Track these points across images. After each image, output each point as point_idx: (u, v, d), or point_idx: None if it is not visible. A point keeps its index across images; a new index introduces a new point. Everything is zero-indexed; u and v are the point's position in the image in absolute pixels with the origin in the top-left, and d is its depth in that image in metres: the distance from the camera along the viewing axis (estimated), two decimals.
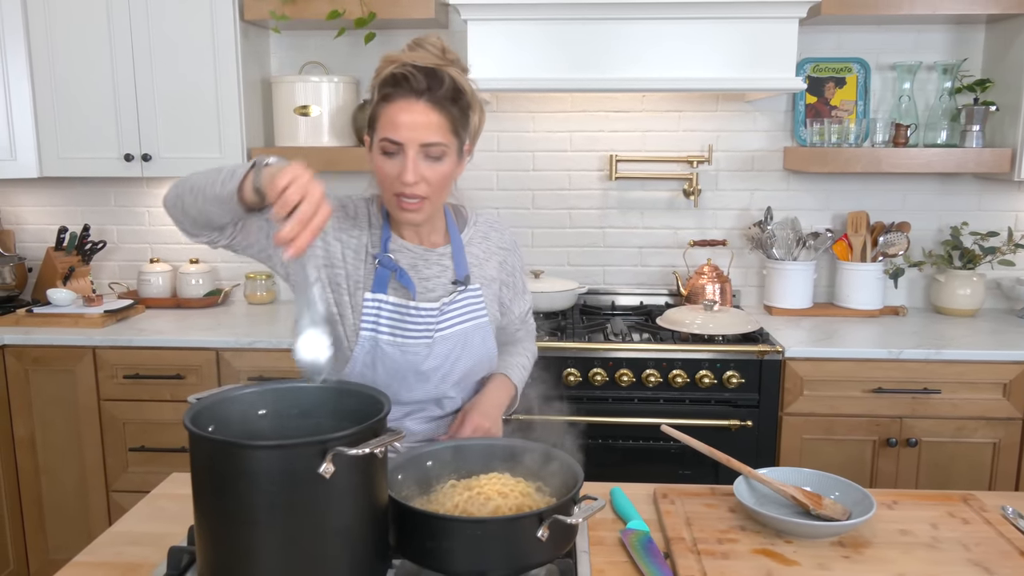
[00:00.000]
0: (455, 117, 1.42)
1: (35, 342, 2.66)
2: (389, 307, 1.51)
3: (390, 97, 1.40)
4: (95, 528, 2.75)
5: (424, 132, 1.39)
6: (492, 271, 1.64)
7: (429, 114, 1.39)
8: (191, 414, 1.11)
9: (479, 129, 1.51)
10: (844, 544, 1.31)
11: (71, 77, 2.80)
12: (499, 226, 1.69)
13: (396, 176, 1.41)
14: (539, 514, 1.13)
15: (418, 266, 1.54)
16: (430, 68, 1.40)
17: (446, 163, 1.43)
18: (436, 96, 1.39)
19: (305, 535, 1.04)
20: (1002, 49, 2.83)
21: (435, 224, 1.57)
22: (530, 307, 1.78)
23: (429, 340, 1.51)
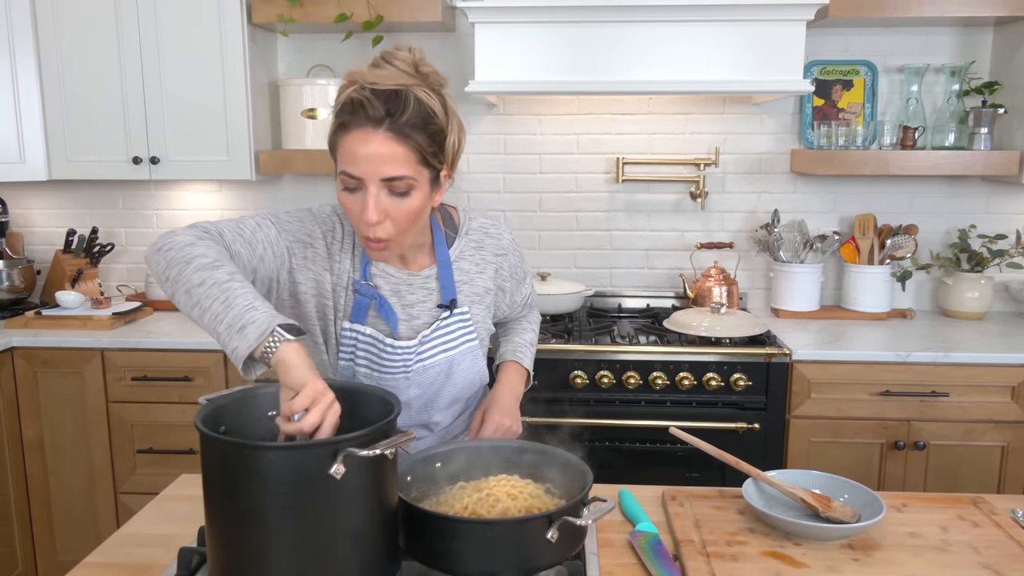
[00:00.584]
0: (422, 146, 1.26)
1: (44, 344, 2.67)
2: (366, 339, 1.43)
3: (347, 126, 1.26)
4: (103, 530, 2.76)
5: (384, 166, 1.25)
6: (485, 284, 1.55)
7: (389, 145, 1.24)
8: (202, 415, 1.12)
9: (459, 150, 1.36)
10: (854, 547, 1.31)
11: (80, 80, 2.82)
12: (494, 231, 1.57)
13: (359, 214, 1.29)
14: (549, 516, 1.14)
15: (401, 292, 1.45)
16: (391, 91, 1.25)
17: (414, 197, 1.29)
18: (397, 124, 1.24)
19: (316, 536, 1.05)
20: (1010, 51, 2.83)
21: (420, 242, 1.46)
22: (532, 290, 1.72)
23: (408, 374, 1.45)
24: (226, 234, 1.31)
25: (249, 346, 1.11)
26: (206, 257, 1.21)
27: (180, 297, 1.20)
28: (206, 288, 1.17)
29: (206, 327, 1.17)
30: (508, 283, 1.61)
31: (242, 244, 1.32)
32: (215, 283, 1.17)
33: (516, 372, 1.64)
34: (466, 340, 1.51)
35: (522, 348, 1.68)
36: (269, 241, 1.36)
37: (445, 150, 1.32)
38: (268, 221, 1.39)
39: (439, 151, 1.31)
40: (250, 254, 1.32)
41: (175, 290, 1.20)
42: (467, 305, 1.51)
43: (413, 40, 3.02)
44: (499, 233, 1.57)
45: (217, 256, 1.22)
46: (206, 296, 1.17)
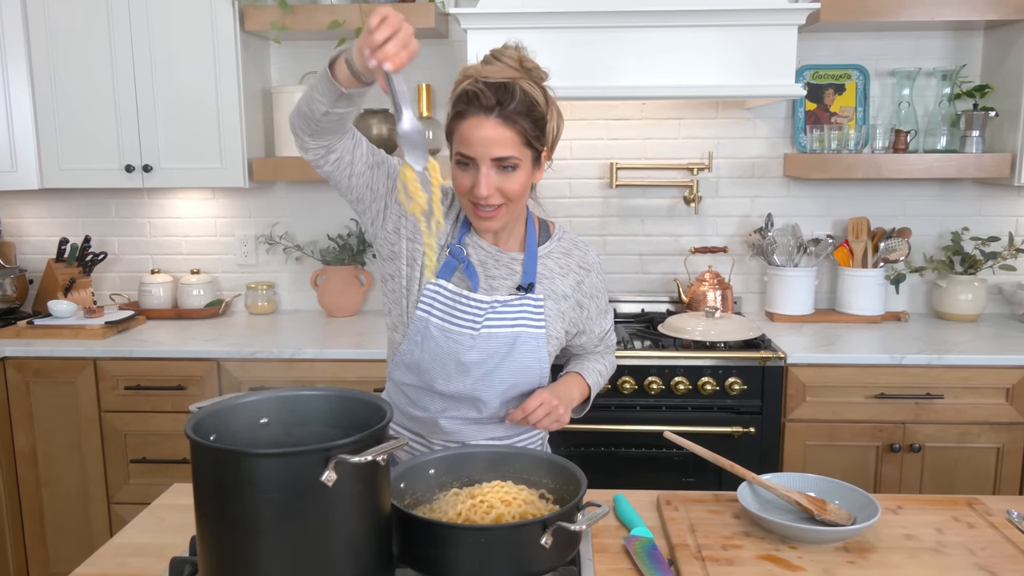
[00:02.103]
0: (526, 130, 1.43)
1: (36, 354, 2.65)
2: (446, 293, 1.54)
3: (463, 114, 1.44)
4: (96, 540, 2.74)
5: (495, 147, 1.42)
6: (565, 288, 1.62)
7: (499, 129, 1.42)
8: (192, 423, 1.11)
9: (557, 135, 1.53)
10: (849, 549, 1.30)
11: (72, 88, 2.81)
12: (583, 246, 1.68)
13: (470, 188, 1.45)
14: (543, 521, 1.13)
15: (487, 264, 1.57)
16: (500, 83, 1.42)
17: (520, 173, 1.46)
18: (506, 111, 1.41)
19: (308, 543, 1.04)
20: (1000, 55, 2.84)
21: (514, 229, 1.59)
22: (611, 327, 1.77)
23: (474, 332, 1.52)
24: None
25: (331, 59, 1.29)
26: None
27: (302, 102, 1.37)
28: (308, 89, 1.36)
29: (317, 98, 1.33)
30: (588, 301, 1.66)
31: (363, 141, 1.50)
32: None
33: (576, 381, 1.66)
34: (534, 324, 1.57)
35: (590, 371, 1.70)
36: (390, 163, 1.54)
37: (546, 134, 1.49)
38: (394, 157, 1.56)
39: (541, 135, 1.47)
40: (369, 153, 1.50)
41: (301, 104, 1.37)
42: (543, 295, 1.59)
43: None
44: (587, 249, 1.68)
45: None
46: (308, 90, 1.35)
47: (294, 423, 1.25)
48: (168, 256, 3.24)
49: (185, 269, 3.20)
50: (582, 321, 1.67)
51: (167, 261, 3.24)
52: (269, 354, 2.60)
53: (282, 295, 3.26)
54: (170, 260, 3.24)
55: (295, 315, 3.17)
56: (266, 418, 1.23)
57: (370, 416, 1.18)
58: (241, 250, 3.22)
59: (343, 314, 3.12)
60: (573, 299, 1.64)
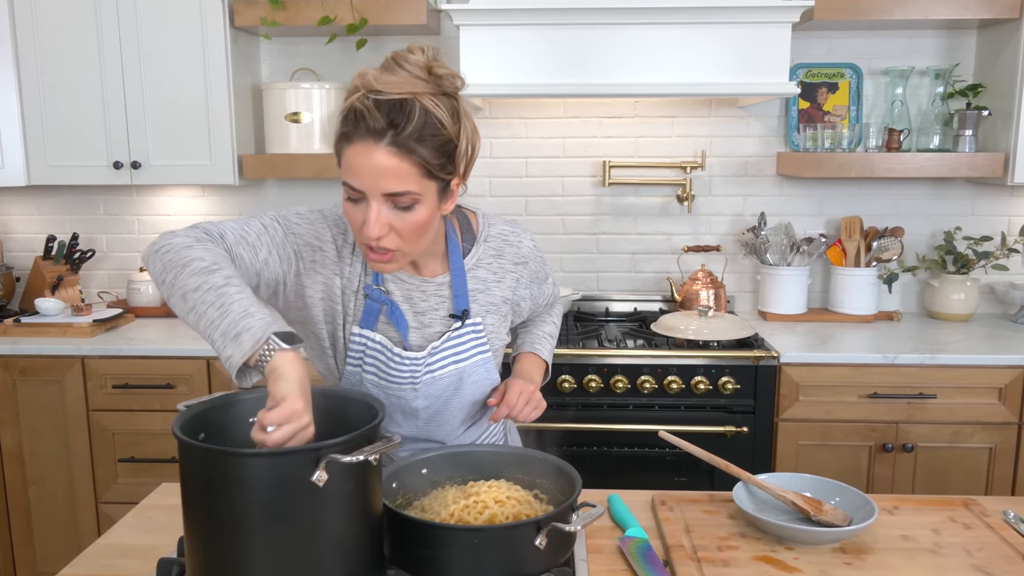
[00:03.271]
0: (427, 159, 1.21)
1: (23, 352, 2.62)
2: (374, 347, 1.39)
3: (349, 136, 1.22)
4: (84, 540, 2.71)
5: (387, 181, 1.20)
6: (503, 292, 1.50)
7: (391, 160, 1.19)
8: (180, 422, 1.09)
9: (473, 157, 1.31)
10: (846, 550, 1.29)
11: (59, 84, 2.78)
12: (514, 238, 1.51)
13: (360, 226, 1.24)
14: (537, 522, 1.12)
15: (414, 298, 1.41)
16: (395, 101, 1.19)
17: (420, 211, 1.24)
18: (401, 138, 1.19)
19: (298, 545, 1.02)
20: (993, 54, 2.83)
21: (433, 250, 1.41)
22: (554, 288, 1.65)
23: (415, 385, 1.41)
24: (228, 236, 1.28)
25: (244, 354, 1.08)
26: (203, 260, 1.18)
27: (176, 301, 1.17)
28: (201, 293, 1.14)
29: (201, 333, 1.14)
30: (527, 291, 1.56)
31: (245, 247, 1.28)
32: (211, 288, 1.14)
33: (533, 362, 1.60)
34: (478, 352, 1.46)
35: (540, 340, 1.63)
36: (275, 244, 1.32)
37: (456, 159, 1.27)
38: (276, 223, 1.35)
39: (448, 162, 1.25)
40: (253, 258, 1.29)
41: (171, 294, 1.17)
42: (481, 315, 1.46)
43: (399, 43, 3.01)
44: (519, 241, 1.52)
45: (215, 259, 1.19)
46: (201, 301, 1.13)
47: None
48: None
49: None
50: (525, 310, 1.59)
51: None
52: None
53: None
54: None
55: None
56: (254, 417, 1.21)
57: (361, 415, 1.17)
58: None
59: None
60: (512, 300, 1.53)
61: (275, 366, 1.08)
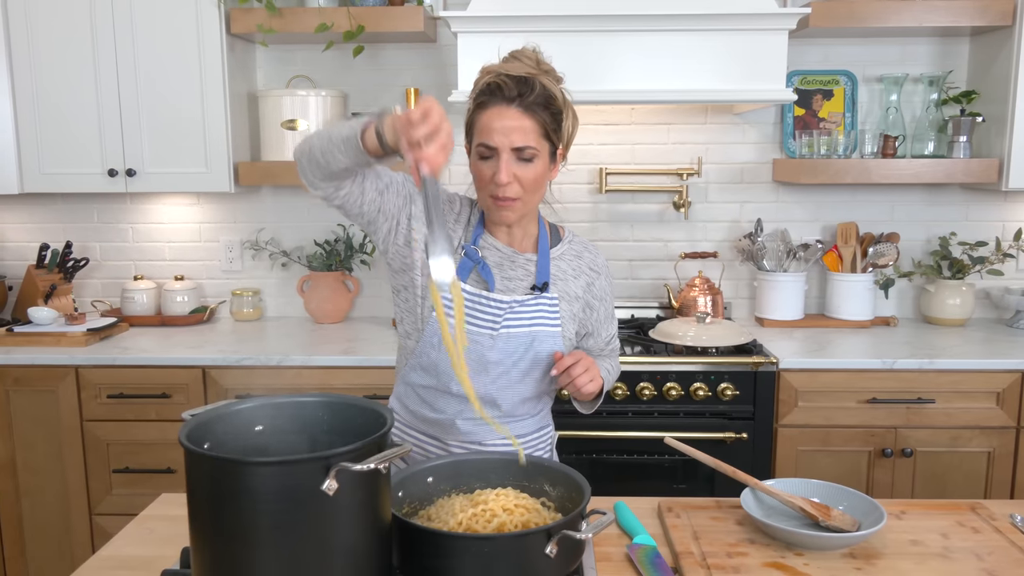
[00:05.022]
0: (545, 122, 1.48)
1: (16, 362, 2.59)
2: (464, 294, 1.54)
3: (485, 104, 1.48)
4: (77, 552, 2.68)
5: (516, 136, 1.46)
6: (577, 289, 1.65)
7: (520, 119, 1.46)
8: (187, 431, 1.07)
9: (572, 135, 1.56)
10: (856, 556, 1.28)
11: (54, 91, 2.76)
12: (593, 249, 1.71)
13: (491, 178, 1.48)
14: (547, 530, 1.11)
15: (503, 265, 1.59)
16: (522, 76, 1.47)
17: (537, 165, 1.49)
18: (527, 102, 1.46)
19: (307, 554, 1.01)
20: (987, 61, 2.85)
21: (527, 230, 1.61)
22: (615, 333, 1.78)
23: (494, 332, 1.54)
24: None
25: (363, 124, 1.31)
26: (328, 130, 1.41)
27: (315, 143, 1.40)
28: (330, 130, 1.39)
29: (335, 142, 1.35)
30: (597, 303, 1.70)
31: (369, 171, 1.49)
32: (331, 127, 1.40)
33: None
34: (551, 323, 1.59)
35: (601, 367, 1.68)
36: (395, 180, 1.54)
37: (563, 130, 1.53)
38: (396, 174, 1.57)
39: (558, 128, 1.51)
40: (376, 177, 1.51)
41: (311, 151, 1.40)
42: (557, 295, 1.61)
43: (396, 51, 3.01)
44: (597, 253, 1.72)
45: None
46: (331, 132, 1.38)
47: (289, 430, 1.22)
48: (151, 262, 3.19)
49: (169, 275, 3.15)
50: (591, 323, 1.70)
51: (150, 267, 3.18)
52: (256, 361, 2.56)
53: (268, 301, 3.21)
54: (153, 266, 3.18)
55: (281, 322, 3.12)
56: (261, 425, 1.20)
57: (368, 423, 1.16)
58: (226, 256, 3.17)
59: (330, 320, 3.08)
60: (584, 300, 1.67)
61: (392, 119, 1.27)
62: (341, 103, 2.93)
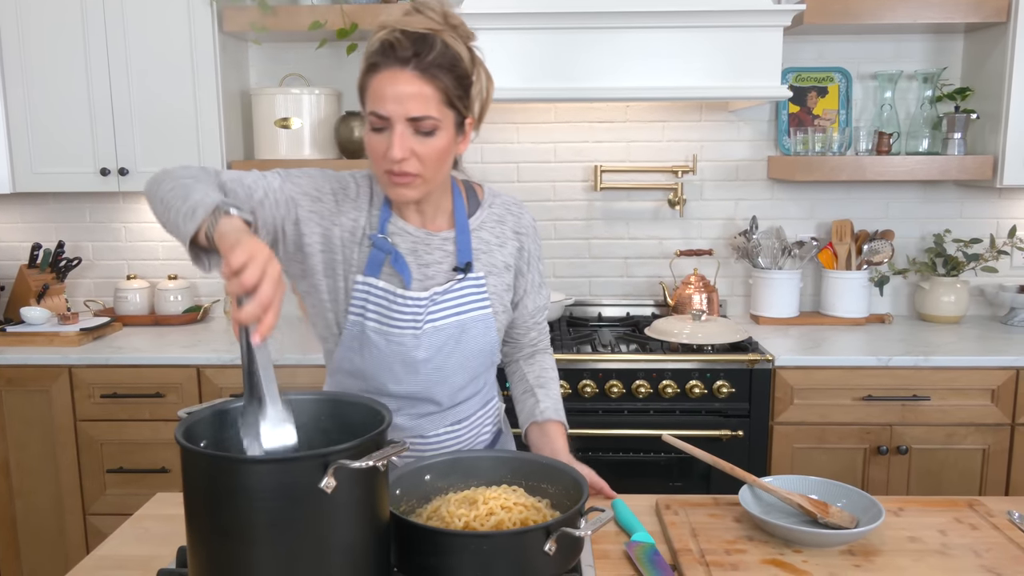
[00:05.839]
0: (448, 87, 1.29)
1: (8, 362, 2.58)
2: (378, 293, 1.41)
3: (376, 67, 1.30)
4: (71, 553, 2.66)
5: (411, 104, 1.28)
6: (505, 258, 1.52)
7: (417, 84, 1.27)
8: (182, 429, 1.06)
9: (487, 100, 1.38)
10: (854, 553, 1.28)
11: (45, 90, 2.74)
12: (516, 210, 1.55)
13: (384, 152, 1.31)
14: (546, 527, 1.10)
15: (418, 251, 1.44)
16: (420, 33, 1.28)
17: (440, 138, 1.31)
18: (424, 63, 1.27)
19: (305, 553, 1.00)
20: (981, 57, 2.86)
21: (439, 205, 1.46)
22: (545, 304, 1.64)
23: (417, 331, 1.42)
24: (224, 174, 1.34)
25: (196, 224, 1.13)
26: (188, 171, 1.28)
27: (157, 208, 1.24)
28: (176, 191, 1.21)
29: (170, 226, 1.20)
30: (527, 267, 1.56)
31: (240, 187, 1.33)
32: (184, 186, 1.21)
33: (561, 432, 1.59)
34: (478, 306, 1.47)
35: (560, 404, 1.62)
36: (271, 189, 1.37)
37: (471, 97, 1.35)
38: (275, 174, 1.41)
39: (465, 95, 1.33)
40: (248, 197, 1.33)
41: (155, 207, 1.25)
42: (483, 272, 1.49)
43: None
44: (520, 212, 1.56)
45: (199, 173, 1.27)
46: (174, 197, 1.20)
47: None
48: (144, 261, 3.17)
49: (162, 274, 3.13)
50: (521, 288, 1.57)
51: (143, 266, 3.17)
52: None
53: None
54: (146, 265, 3.17)
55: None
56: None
57: (366, 420, 1.15)
58: None
59: None
60: (514, 268, 1.54)
61: (223, 230, 1.09)
62: (335, 101, 2.92)
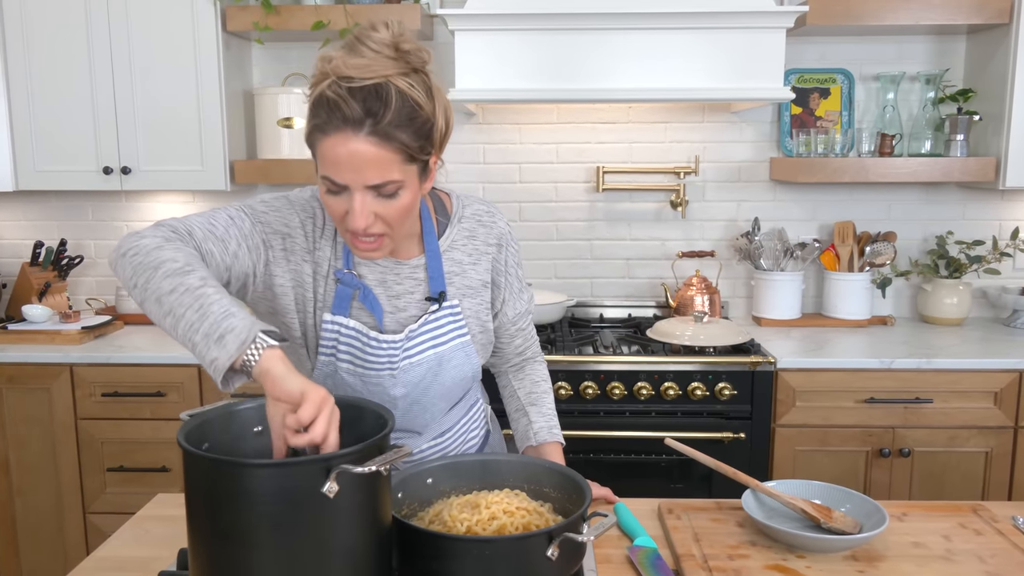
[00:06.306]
0: (407, 144, 1.17)
1: (10, 360, 2.58)
2: (349, 333, 1.34)
3: (323, 128, 1.16)
4: (71, 552, 2.66)
5: (369, 172, 1.16)
6: (481, 275, 1.45)
7: (373, 150, 1.15)
8: (185, 432, 1.06)
9: (447, 133, 1.25)
10: (858, 558, 1.28)
11: (48, 88, 2.73)
12: (488, 219, 1.46)
13: (343, 216, 1.22)
14: (549, 532, 1.10)
15: (388, 282, 1.37)
16: (370, 87, 1.14)
17: (403, 197, 1.21)
18: (380, 127, 1.14)
19: (307, 557, 1.00)
20: (983, 59, 2.85)
21: (408, 232, 1.36)
22: (528, 308, 1.57)
23: (393, 370, 1.36)
24: (196, 232, 1.24)
25: (230, 356, 1.05)
26: (175, 262, 1.14)
27: (150, 306, 1.13)
28: (178, 295, 1.10)
29: (179, 338, 1.10)
30: (502, 278, 1.49)
31: (214, 242, 1.25)
32: (187, 290, 1.10)
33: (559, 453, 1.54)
34: (456, 335, 1.41)
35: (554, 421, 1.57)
36: (243, 235, 1.29)
37: (432, 140, 1.22)
38: (242, 213, 1.32)
39: (427, 143, 1.21)
40: (223, 252, 1.25)
41: (144, 298, 1.14)
42: (458, 298, 1.42)
43: None
44: (492, 221, 1.47)
45: (187, 260, 1.15)
46: (179, 304, 1.09)
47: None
48: None
49: None
50: (499, 300, 1.50)
51: None
52: None
53: None
54: None
55: None
56: (260, 426, 1.19)
57: (369, 424, 1.14)
58: None
59: None
60: (491, 283, 1.48)
61: (266, 367, 1.05)
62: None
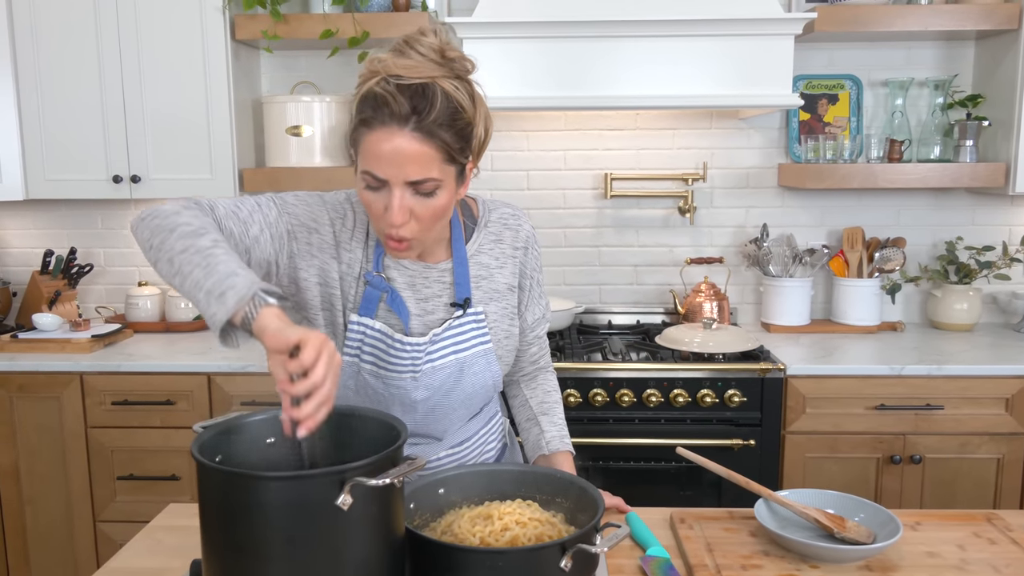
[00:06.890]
0: (449, 144, 1.20)
1: (20, 368, 2.58)
2: (374, 335, 1.36)
3: (369, 123, 1.19)
4: (81, 560, 2.67)
5: (411, 168, 1.19)
6: (507, 279, 1.46)
7: (416, 145, 1.18)
8: (199, 444, 1.06)
9: (486, 141, 1.29)
10: (872, 568, 1.27)
11: (58, 97, 2.75)
12: (514, 223, 1.48)
13: (381, 213, 1.24)
14: (562, 543, 1.09)
15: (416, 285, 1.38)
16: (418, 85, 1.17)
17: (440, 197, 1.24)
18: (424, 123, 1.17)
19: (319, 569, 1.00)
20: (992, 64, 2.84)
21: (438, 236, 1.38)
22: (545, 315, 1.58)
23: (416, 373, 1.37)
24: (219, 209, 1.28)
25: (228, 312, 1.08)
26: (190, 225, 1.19)
27: (163, 266, 1.18)
28: (188, 255, 1.14)
29: (187, 294, 1.14)
30: (527, 281, 1.51)
31: (235, 222, 1.27)
32: (197, 250, 1.14)
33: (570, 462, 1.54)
34: (479, 342, 1.42)
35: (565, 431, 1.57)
36: (267, 223, 1.31)
37: (472, 144, 1.25)
38: (271, 202, 1.34)
39: (466, 146, 1.24)
40: (243, 233, 1.28)
41: (158, 258, 1.19)
42: (483, 304, 1.43)
43: None
44: (518, 224, 1.49)
45: (202, 224, 1.20)
46: (187, 263, 1.14)
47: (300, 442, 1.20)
48: None
49: None
50: (523, 303, 1.52)
51: (154, 273, 3.14)
52: (261, 368, 2.55)
53: None
54: None
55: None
56: (272, 438, 1.19)
57: (382, 435, 1.14)
58: None
59: None
60: (515, 287, 1.49)
61: (263, 324, 1.07)
62: (346, 108, 2.91)
